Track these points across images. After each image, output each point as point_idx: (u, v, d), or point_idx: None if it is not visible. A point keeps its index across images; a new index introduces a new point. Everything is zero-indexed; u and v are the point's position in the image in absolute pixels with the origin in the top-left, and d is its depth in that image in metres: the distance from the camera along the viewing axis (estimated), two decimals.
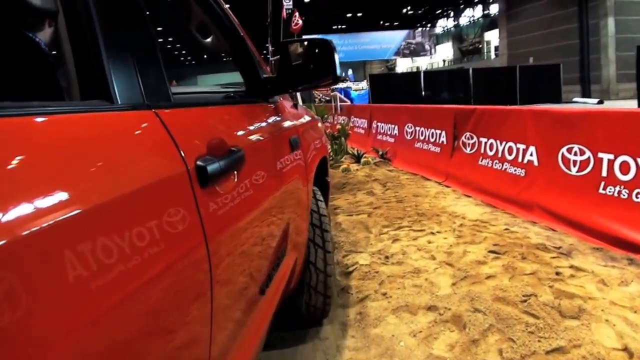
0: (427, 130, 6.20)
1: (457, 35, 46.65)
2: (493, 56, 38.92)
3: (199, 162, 0.88)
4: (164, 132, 0.84)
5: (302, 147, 1.94)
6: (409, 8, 40.99)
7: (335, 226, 3.94)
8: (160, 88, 0.96)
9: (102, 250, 0.57)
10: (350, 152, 7.15)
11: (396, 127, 7.21)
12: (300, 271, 1.95)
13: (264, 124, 1.58)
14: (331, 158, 6.57)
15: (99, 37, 0.79)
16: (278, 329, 2.24)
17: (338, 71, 1.59)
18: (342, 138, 7.11)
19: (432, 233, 3.63)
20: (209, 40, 1.79)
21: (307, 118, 2.41)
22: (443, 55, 46.48)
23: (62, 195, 0.54)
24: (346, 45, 38.43)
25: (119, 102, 0.79)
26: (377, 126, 8.02)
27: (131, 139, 0.77)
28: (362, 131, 8.87)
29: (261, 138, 1.44)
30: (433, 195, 4.90)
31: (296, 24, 11.78)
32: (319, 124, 2.85)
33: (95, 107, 0.76)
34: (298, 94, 4.17)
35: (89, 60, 0.79)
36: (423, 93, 18.40)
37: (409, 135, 6.73)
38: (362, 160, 6.55)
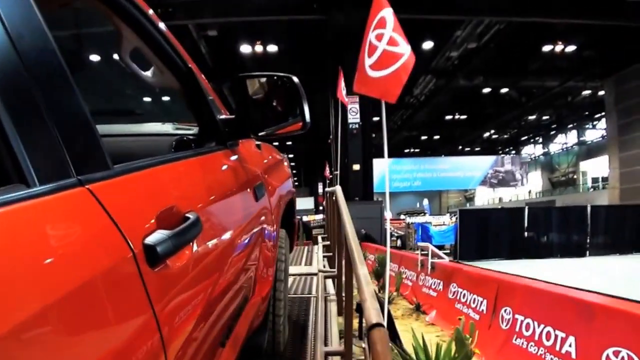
0: None
1: (546, 164, 42.56)
2: (590, 189, 34.44)
3: (146, 242, 0.76)
4: (102, 214, 0.70)
5: (267, 192, 1.80)
6: (492, 132, 37.87)
7: None
8: (92, 152, 0.75)
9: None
10: None
11: (572, 340, 3.48)
12: (263, 312, 1.84)
13: (223, 176, 1.41)
14: None
15: None
16: None
17: (307, 115, 1.48)
18: None
19: None
20: (149, 73, 1.47)
21: (271, 158, 2.21)
22: (529, 185, 41.91)
23: None
24: (422, 172, 35.17)
25: (38, 184, 0.60)
26: (517, 320, 4.31)
27: (58, 234, 0.61)
28: (476, 315, 5.14)
29: (221, 194, 1.30)
30: None
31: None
32: (285, 163, 2.55)
33: (5, 197, 0.55)
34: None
35: None
36: (526, 234, 14.64)
37: None
38: None
